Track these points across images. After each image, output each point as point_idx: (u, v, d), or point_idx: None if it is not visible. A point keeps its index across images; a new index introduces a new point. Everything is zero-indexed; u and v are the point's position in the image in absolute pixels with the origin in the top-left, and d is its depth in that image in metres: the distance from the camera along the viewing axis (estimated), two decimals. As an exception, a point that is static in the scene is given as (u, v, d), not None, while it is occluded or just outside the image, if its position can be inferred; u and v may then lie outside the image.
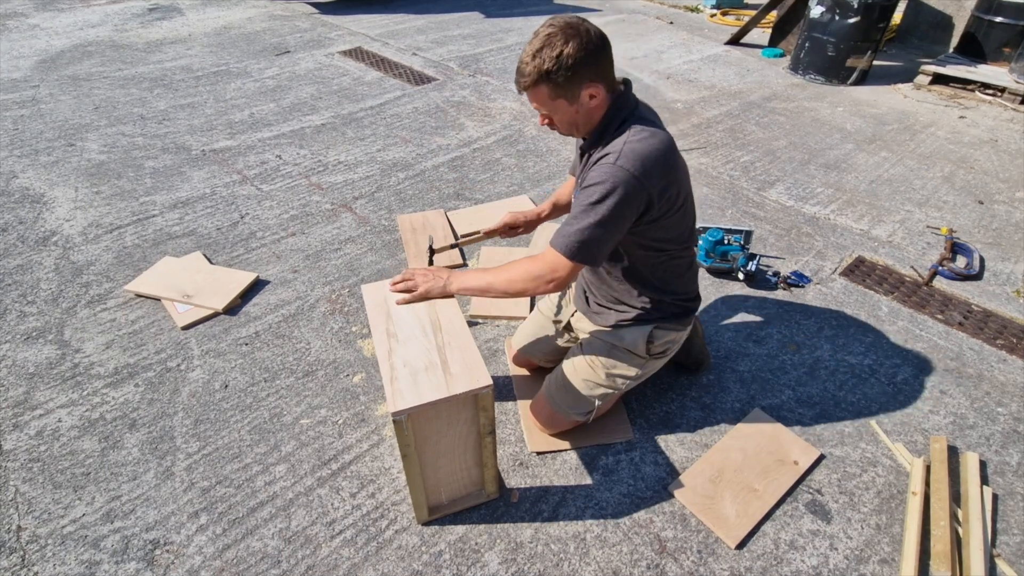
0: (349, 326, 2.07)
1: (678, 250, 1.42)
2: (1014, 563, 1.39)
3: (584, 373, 1.55)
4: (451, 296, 1.44)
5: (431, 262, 1.76)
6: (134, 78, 4.12)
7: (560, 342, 1.75)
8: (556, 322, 1.76)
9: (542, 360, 1.81)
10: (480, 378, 1.22)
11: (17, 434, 1.69)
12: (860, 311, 2.16)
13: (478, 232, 1.74)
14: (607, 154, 1.23)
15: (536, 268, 1.32)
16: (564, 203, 1.71)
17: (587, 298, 1.61)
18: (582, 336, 1.63)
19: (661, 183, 1.24)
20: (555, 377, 1.62)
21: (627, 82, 1.32)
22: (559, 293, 1.78)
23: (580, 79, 1.19)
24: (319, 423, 1.72)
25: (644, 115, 1.30)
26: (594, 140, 1.31)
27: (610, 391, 1.56)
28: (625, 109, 1.27)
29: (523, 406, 1.76)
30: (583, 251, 1.25)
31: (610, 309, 1.54)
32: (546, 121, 1.31)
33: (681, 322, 1.54)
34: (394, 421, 1.18)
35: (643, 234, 1.34)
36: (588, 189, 1.23)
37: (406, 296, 1.42)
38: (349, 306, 2.16)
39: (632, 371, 1.54)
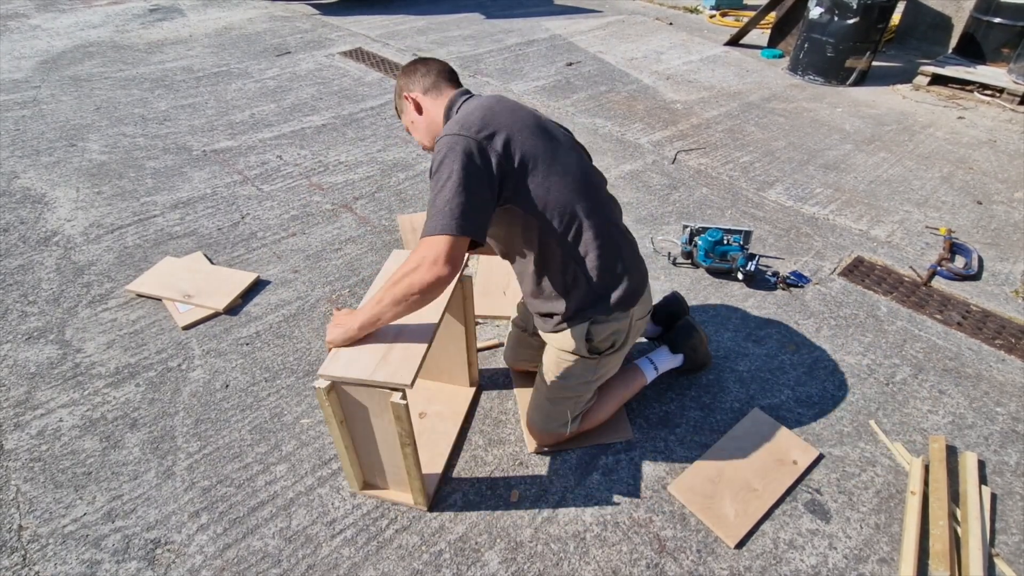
0: (349, 326, 2.07)
1: (568, 223, 1.31)
2: (1013, 562, 1.40)
3: (545, 390, 1.54)
4: (357, 338, 1.30)
5: None
6: (135, 79, 4.13)
7: (538, 350, 1.74)
8: (525, 331, 1.74)
9: (529, 366, 1.81)
10: (402, 374, 1.20)
11: (18, 434, 1.69)
12: (859, 311, 2.16)
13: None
14: None
15: (409, 261, 1.19)
16: None
17: (531, 310, 1.54)
18: (546, 346, 1.57)
19: (482, 130, 1.23)
20: (531, 397, 1.62)
21: (460, 87, 1.44)
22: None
23: (400, 93, 1.47)
24: (320, 423, 1.73)
25: (470, 98, 1.38)
26: None
27: (575, 398, 1.53)
28: (456, 105, 1.38)
29: (523, 406, 1.76)
30: (450, 221, 1.15)
31: (546, 316, 1.45)
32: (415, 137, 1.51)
33: (615, 310, 1.40)
34: (315, 389, 1.22)
35: (516, 201, 1.27)
36: (431, 171, 1.24)
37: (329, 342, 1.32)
38: (350, 306, 2.16)
39: (587, 373, 1.50)
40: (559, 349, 1.47)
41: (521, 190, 1.27)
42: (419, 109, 1.43)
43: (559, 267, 1.35)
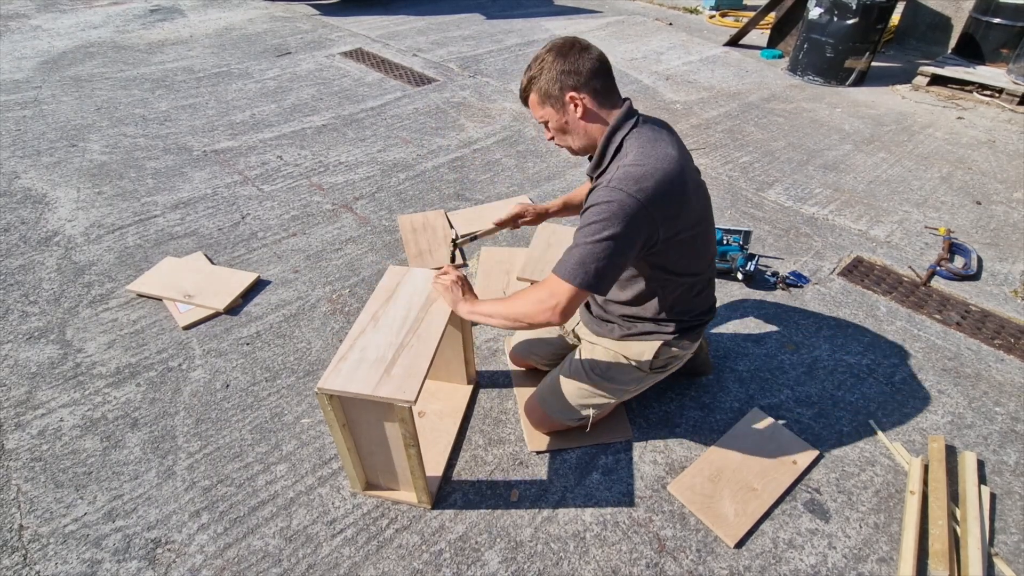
0: (350, 326, 2.08)
1: (693, 278, 1.41)
2: (1012, 562, 1.40)
3: (580, 379, 1.55)
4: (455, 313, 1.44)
5: (453, 257, 1.81)
6: (136, 79, 4.13)
7: (562, 345, 1.76)
8: (561, 329, 1.75)
9: (539, 363, 1.82)
10: (406, 390, 1.22)
11: (19, 433, 1.69)
12: (858, 311, 2.17)
13: (491, 227, 1.73)
14: (606, 177, 1.24)
15: (537, 293, 1.26)
16: (575, 204, 1.70)
17: (592, 309, 1.59)
18: (586, 342, 1.62)
19: (662, 205, 1.19)
20: (550, 380, 1.62)
21: (627, 101, 1.30)
22: None
23: (563, 87, 1.25)
24: (320, 422, 1.73)
25: (647, 134, 1.25)
26: (596, 163, 1.31)
27: (604, 401, 1.55)
28: (623, 129, 1.26)
29: (523, 406, 1.76)
30: (583, 275, 1.19)
31: (617, 323, 1.52)
32: (549, 135, 1.37)
33: (691, 338, 1.51)
34: (316, 393, 1.23)
35: (654, 261, 1.34)
36: (587, 212, 1.21)
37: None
38: (350, 306, 2.17)
39: (630, 384, 1.54)
40: (620, 353, 1.51)
41: (665, 253, 1.31)
42: (584, 112, 1.27)
43: (668, 301, 1.44)
